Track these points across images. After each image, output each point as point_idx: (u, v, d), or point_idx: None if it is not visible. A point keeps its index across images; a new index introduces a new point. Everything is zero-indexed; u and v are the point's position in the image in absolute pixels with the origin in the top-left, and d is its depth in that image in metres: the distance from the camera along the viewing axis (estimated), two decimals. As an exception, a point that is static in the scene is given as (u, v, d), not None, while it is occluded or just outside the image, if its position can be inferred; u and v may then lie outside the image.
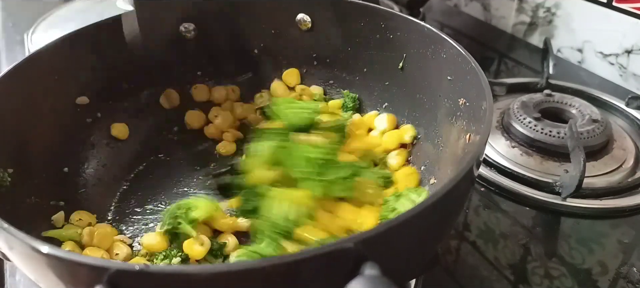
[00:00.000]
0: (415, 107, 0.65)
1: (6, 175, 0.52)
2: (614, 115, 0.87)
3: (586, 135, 0.74)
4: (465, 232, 0.64)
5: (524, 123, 0.77)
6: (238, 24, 0.74)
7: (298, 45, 0.74)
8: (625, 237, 0.63)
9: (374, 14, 0.67)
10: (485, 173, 0.72)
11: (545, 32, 1.08)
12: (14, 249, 0.36)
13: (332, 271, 0.31)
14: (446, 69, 0.58)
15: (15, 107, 0.55)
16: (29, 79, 0.57)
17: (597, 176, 0.71)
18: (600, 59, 0.99)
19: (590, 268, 0.59)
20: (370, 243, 0.32)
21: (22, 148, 0.56)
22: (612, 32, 0.96)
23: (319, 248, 0.31)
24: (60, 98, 0.62)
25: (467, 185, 0.44)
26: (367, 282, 0.29)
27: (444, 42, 0.58)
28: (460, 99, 0.55)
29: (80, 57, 0.64)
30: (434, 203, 0.35)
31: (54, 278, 0.33)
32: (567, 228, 0.65)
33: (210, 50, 0.75)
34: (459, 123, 0.55)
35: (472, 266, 0.60)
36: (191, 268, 0.40)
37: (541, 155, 0.74)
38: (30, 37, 0.97)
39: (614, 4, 0.94)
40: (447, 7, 1.33)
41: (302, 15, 0.72)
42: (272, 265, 0.30)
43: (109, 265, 0.30)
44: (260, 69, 0.77)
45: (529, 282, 0.58)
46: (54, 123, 0.61)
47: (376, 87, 0.71)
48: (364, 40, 0.69)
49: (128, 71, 0.69)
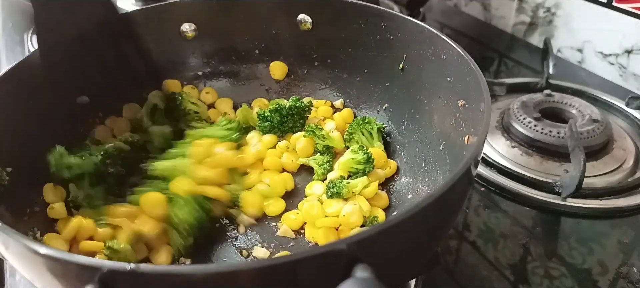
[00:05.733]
0: (416, 108, 0.65)
1: (4, 174, 0.52)
2: (614, 115, 0.86)
3: (586, 135, 0.74)
4: (465, 232, 0.64)
5: (524, 123, 0.77)
6: (239, 24, 0.74)
7: (299, 45, 0.74)
8: (625, 237, 0.63)
9: (374, 14, 0.67)
10: (485, 173, 0.71)
11: (545, 32, 1.08)
12: (10, 249, 0.36)
13: (325, 273, 0.31)
14: (446, 70, 0.58)
15: (15, 106, 0.55)
16: (29, 79, 0.57)
17: (597, 176, 0.71)
18: (600, 59, 0.99)
19: (590, 268, 0.59)
20: (364, 245, 0.32)
21: (21, 147, 0.56)
22: (612, 32, 0.95)
23: (312, 250, 0.31)
24: (60, 97, 0.62)
25: (465, 185, 0.44)
26: (358, 285, 0.29)
27: (444, 43, 0.58)
28: (459, 100, 0.55)
29: (81, 56, 0.64)
30: (431, 204, 0.35)
31: (47, 278, 0.33)
32: (567, 228, 0.65)
33: (210, 51, 0.75)
34: (459, 124, 0.55)
35: (472, 266, 0.60)
36: (183, 268, 0.40)
37: (541, 155, 0.74)
38: (30, 37, 0.97)
39: (614, 4, 0.93)
40: (447, 7, 1.33)
41: (302, 16, 0.72)
42: (264, 266, 0.30)
43: (101, 264, 0.30)
44: (260, 69, 0.77)
45: (529, 282, 0.58)
46: (53, 122, 0.61)
47: (376, 88, 0.71)
48: (364, 41, 0.69)
49: (128, 71, 0.70)
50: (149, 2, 0.76)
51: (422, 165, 0.62)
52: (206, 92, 0.76)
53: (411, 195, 0.61)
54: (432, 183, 0.59)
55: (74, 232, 0.55)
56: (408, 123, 0.67)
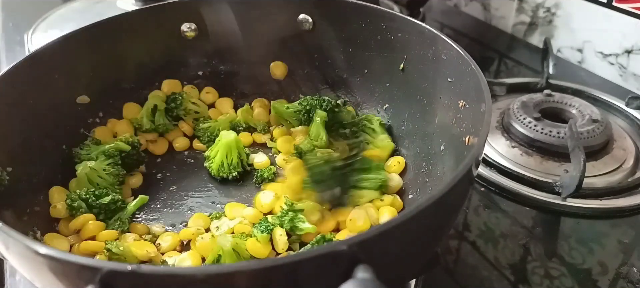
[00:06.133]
0: (416, 109, 0.65)
1: (5, 174, 0.52)
2: (614, 115, 0.86)
3: (586, 135, 0.74)
4: (465, 232, 0.64)
5: (524, 123, 0.77)
6: (239, 24, 0.74)
7: (299, 45, 0.74)
8: (625, 237, 0.63)
9: (375, 15, 0.67)
10: (485, 173, 0.71)
11: (545, 32, 1.08)
12: (10, 249, 0.36)
13: (325, 273, 0.31)
14: (446, 71, 0.58)
15: (15, 106, 0.55)
16: (29, 79, 0.57)
17: (597, 176, 0.71)
18: (600, 59, 0.99)
19: (590, 268, 0.59)
20: (365, 246, 0.32)
21: (21, 147, 0.56)
22: (612, 32, 0.95)
23: (313, 251, 0.31)
24: (60, 97, 0.62)
25: (465, 186, 0.44)
26: (359, 286, 0.29)
27: (445, 43, 0.58)
28: (460, 101, 0.55)
29: (81, 56, 0.64)
30: (432, 204, 0.35)
31: (47, 278, 0.33)
32: (567, 228, 0.65)
33: (211, 50, 0.75)
34: (459, 124, 0.55)
35: (472, 266, 0.60)
36: (183, 268, 0.40)
37: (541, 155, 0.74)
38: (30, 37, 0.97)
39: (614, 4, 0.93)
40: (447, 7, 1.33)
41: (303, 16, 0.72)
42: (264, 267, 0.30)
43: (101, 265, 0.30)
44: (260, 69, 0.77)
45: (529, 282, 0.58)
46: (53, 122, 0.61)
47: (377, 88, 0.71)
48: (364, 41, 0.69)
49: (128, 71, 0.70)
50: (148, 2, 0.76)
51: (423, 165, 0.62)
52: (206, 91, 0.76)
53: (411, 196, 0.61)
54: (432, 184, 0.59)
55: (80, 225, 0.55)
56: (408, 123, 0.67)
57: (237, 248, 0.52)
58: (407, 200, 0.61)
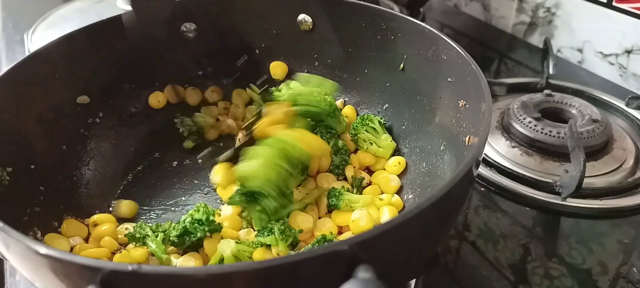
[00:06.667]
0: (416, 109, 0.65)
1: (5, 174, 0.52)
2: (614, 115, 0.86)
3: (586, 135, 0.74)
4: (465, 232, 0.64)
5: (524, 123, 0.77)
6: (239, 25, 0.74)
7: (299, 45, 0.74)
8: (625, 237, 0.63)
9: (374, 14, 0.67)
10: (485, 173, 0.71)
11: (545, 32, 1.08)
12: (10, 249, 0.36)
13: (326, 273, 0.31)
14: (447, 71, 0.58)
15: (15, 106, 0.55)
16: (29, 79, 0.57)
17: (597, 176, 0.71)
18: (600, 59, 0.99)
19: (590, 268, 0.59)
20: (365, 245, 0.32)
21: (22, 147, 0.56)
22: (612, 32, 0.95)
23: (314, 251, 0.31)
24: (60, 97, 0.62)
25: (466, 186, 0.44)
26: (359, 286, 0.29)
27: (445, 43, 0.58)
28: (460, 101, 0.55)
29: (81, 56, 0.64)
30: (432, 204, 0.35)
31: (48, 278, 0.33)
32: (567, 228, 0.65)
33: (211, 50, 0.75)
34: (459, 124, 0.55)
35: (472, 266, 0.60)
36: (185, 269, 0.40)
37: (541, 155, 0.74)
38: (30, 37, 0.97)
39: (614, 4, 0.93)
40: (447, 7, 1.33)
41: (303, 16, 0.72)
42: (265, 267, 0.30)
43: (102, 265, 0.30)
44: (260, 69, 0.77)
45: (529, 282, 0.58)
46: (54, 122, 0.61)
47: (377, 88, 0.71)
48: (364, 41, 0.69)
49: (128, 71, 0.70)
50: (149, 1, 0.75)
51: (423, 165, 0.62)
52: (212, 90, 0.76)
53: (412, 196, 0.61)
54: (432, 184, 0.59)
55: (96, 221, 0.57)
56: (408, 123, 0.67)
57: (239, 255, 0.52)
58: (407, 200, 0.61)
